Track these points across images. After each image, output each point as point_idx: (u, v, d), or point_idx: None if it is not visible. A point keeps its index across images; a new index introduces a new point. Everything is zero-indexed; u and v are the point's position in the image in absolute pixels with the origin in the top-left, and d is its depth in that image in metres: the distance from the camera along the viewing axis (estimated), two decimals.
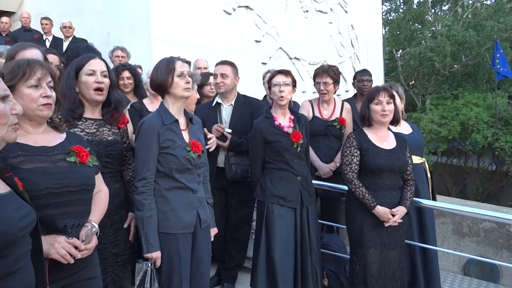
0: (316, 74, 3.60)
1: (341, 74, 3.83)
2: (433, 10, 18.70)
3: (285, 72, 2.88)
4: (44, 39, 6.26)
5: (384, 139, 2.75)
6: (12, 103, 1.26)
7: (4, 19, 6.66)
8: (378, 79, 9.00)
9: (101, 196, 1.83)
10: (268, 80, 2.99)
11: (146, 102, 3.07)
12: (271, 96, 2.95)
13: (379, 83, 7.40)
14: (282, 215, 2.79)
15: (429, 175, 3.22)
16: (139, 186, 2.09)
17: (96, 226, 1.69)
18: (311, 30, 7.96)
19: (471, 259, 4.28)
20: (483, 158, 12.42)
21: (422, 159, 3.20)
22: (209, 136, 2.81)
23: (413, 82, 17.52)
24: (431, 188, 3.24)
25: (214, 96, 3.49)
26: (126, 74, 3.53)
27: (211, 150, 2.70)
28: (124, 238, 2.19)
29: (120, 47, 4.57)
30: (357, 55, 9.12)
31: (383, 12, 15.82)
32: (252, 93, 3.65)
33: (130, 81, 3.55)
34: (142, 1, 5.65)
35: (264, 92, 3.90)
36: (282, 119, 2.88)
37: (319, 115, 3.58)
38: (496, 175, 11.77)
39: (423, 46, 15.63)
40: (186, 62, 2.24)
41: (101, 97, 2.09)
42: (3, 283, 1.18)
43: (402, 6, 18.83)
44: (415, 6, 18.07)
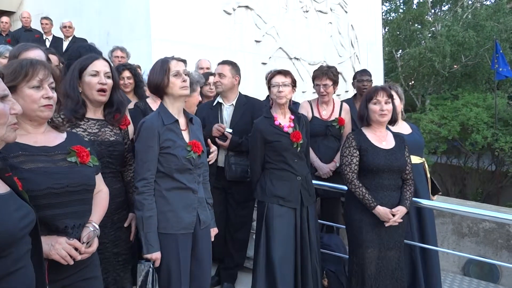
0: (315, 76, 3.60)
1: (340, 74, 3.83)
2: (433, 11, 18.72)
3: (284, 73, 2.87)
4: (44, 39, 6.25)
5: (383, 139, 2.75)
6: (11, 103, 1.26)
7: (4, 18, 6.66)
8: (378, 80, 9.00)
9: (101, 196, 1.82)
10: (268, 81, 2.99)
11: (149, 101, 3.07)
12: (270, 96, 2.96)
13: (379, 83, 7.40)
14: (282, 215, 2.79)
15: (428, 175, 3.22)
16: (139, 186, 2.09)
17: (97, 228, 1.69)
18: (311, 30, 7.96)
19: (470, 259, 4.29)
20: (482, 158, 12.44)
21: (422, 159, 3.20)
22: (212, 149, 2.78)
23: (412, 82, 17.53)
24: (431, 186, 3.24)
25: (215, 96, 3.49)
26: (127, 74, 3.54)
27: (210, 163, 2.66)
28: (125, 238, 2.18)
29: (119, 47, 4.56)
30: (357, 55, 9.11)
31: (383, 12, 15.83)
32: (252, 93, 3.65)
33: (131, 81, 3.56)
34: (142, 1, 5.63)
35: (266, 92, 3.90)
36: (282, 119, 2.88)
37: (318, 115, 3.59)
38: (496, 176, 11.79)
39: (422, 46, 15.64)
40: (181, 60, 2.22)
41: (104, 97, 2.09)
42: (3, 283, 1.18)
43: (402, 7, 18.85)
44: (415, 7, 18.09)
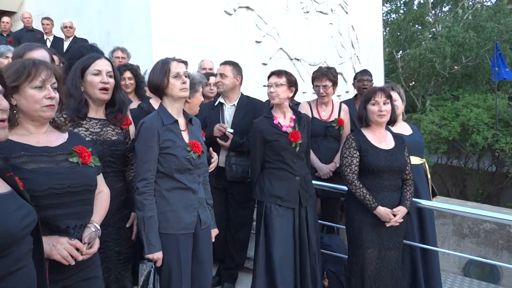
0: (315, 77, 3.60)
1: (341, 75, 3.83)
2: (433, 11, 18.72)
3: (278, 73, 2.87)
4: (45, 39, 6.24)
5: (382, 140, 2.75)
6: None
7: (5, 19, 6.67)
8: (379, 80, 8.99)
9: (102, 197, 1.82)
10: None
11: (152, 102, 3.07)
12: None
13: (379, 84, 7.40)
14: (281, 215, 2.78)
15: (429, 176, 3.22)
16: (140, 186, 2.09)
17: (98, 228, 1.69)
18: (311, 31, 7.96)
19: (471, 260, 4.29)
20: (483, 159, 12.44)
21: (422, 160, 3.20)
22: (213, 159, 2.75)
23: (413, 83, 17.54)
24: (431, 186, 3.24)
25: (217, 96, 3.49)
26: (128, 74, 3.54)
27: (210, 171, 2.65)
28: (126, 237, 2.19)
29: (120, 47, 4.56)
30: (357, 56, 9.12)
31: (383, 13, 15.85)
32: (253, 93, 3.65)
33: (132, 81, 3.56)
34: (143, 1, 5.64)
35: (266, 93, 3.90)
36: (282, 119, 2.87)
37: (317, 116, 3.57)
38: (496, 176, 11.79)
39: (423, 47, 15.65)
40: (182, 62, 2.21)
41: (106, 96, 2.09)
42: (4, 283, 1.17)
43: (402, 7, 18.85)
44: (415, 7, 18.10)
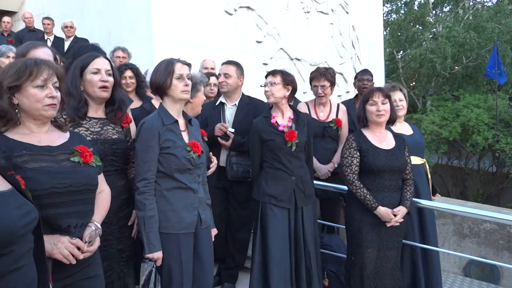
0: (313, 78, 3.59)
1: (341, 75, 3.83)
2: (434, 12, 18.73)
3: (273, 72, 2.87)
4: (46, 39, 6.25)
5: (383, 140, 2.75)
6: None
7: (6, 18, 6.68)
8: (379, 81, 8.99)
9: (103, 196, 1.83)
10: None
11: (154, 102, 3.07)
12: None
13: (380, 84, 7.40)
14: (276, 215, 2.77)
15: (429, 176, 3.22)
16: (140, 186, 2.10)
17: (99, 227, 1.70)
18: (312, 31, 7.96)
19: (471, 260, 4.28)
20: (483, 159, 12.45)
21: (423, 160, 3.20)
22: (212, 164, 2.75)
23: (413, 83, 17.56)
24: (431, 186, 3.25)
25: (218, 96, 3.49)
26: (129, 73, 3.55)
27: (209, 174, 2.65)
28: (128, 235, 2.20)
29: (121, 47, 4.56)
30: (358, 56, 9.12)
31: (384, 13, 15.84)
32: (253, 93, 3.65)
33: (133, 80, 3.57)
34: (143, 1, 5.64)
35: None
36: (281, 118, 2.87)
37: (315, 116, 3.56)
38: (497, 177, 11.80)
39: (423, 47, 15.66)
40: (186, 64, 2.23)
41: (106, 93, 2.09)
42: (3, 282, 1.16)
43: (403, 8, 18.86)
44: (416, 8, 18.10)
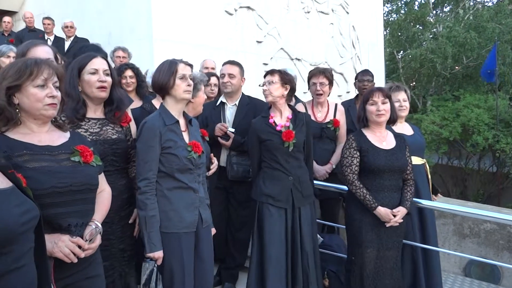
0: (312, 75, 3.59)
1: (342, 75, 3.83)
2: (434, 12, 18.72)
3: (271, 72, 2.88)
4: (46, 38, 6.25)
5: (383, 139, 2.75)
6: None
7: (6, 18, 6.67)
8: (379, 81, 8.99)
9: (103, 196, 1.83)
10: None
11: (155, 102, 3.07)
12: None
13: (380, 84, 7.40)
14: (273, 214, 2.77)
15: (429, 176, 3.22)
16: (141, 186, 2.10)
17: (99, 226, 1.70)
18: (312, 31, 7.96)
19: (472, 260, 4.29)
20: (483, 159, 12.45)
21: (423, 160, 3.20)
22: (212, 165, 2.74)
23: (414, 83, 17.55)
24: (431, 186, 3.25)
25: (218, 96, 3.49)
26: (129, 73, 3.55)
27: (209, 175, 2.66)
28: (130, 234, 2.21)
29: (121, 47, 4.57)
30: (358, 56, 9.12)
31: (384, 13, 15.84)
32: (253, 93, 3.65)
33: (133, 80, 3.57)
34: (143, 1, 5.64)
35: None
36: (279, 118, 2.87)
37: (313, 117, 3.53)
38: (497, 177, 11.79)
39: (424, 47, 15.65)
40: (189, 65, 2.24)
41: (104, 93, 2.09)
42: (3, 282, 1.15)
43: (403, 8, 18.85)
44: (416, 8, 18.10)
